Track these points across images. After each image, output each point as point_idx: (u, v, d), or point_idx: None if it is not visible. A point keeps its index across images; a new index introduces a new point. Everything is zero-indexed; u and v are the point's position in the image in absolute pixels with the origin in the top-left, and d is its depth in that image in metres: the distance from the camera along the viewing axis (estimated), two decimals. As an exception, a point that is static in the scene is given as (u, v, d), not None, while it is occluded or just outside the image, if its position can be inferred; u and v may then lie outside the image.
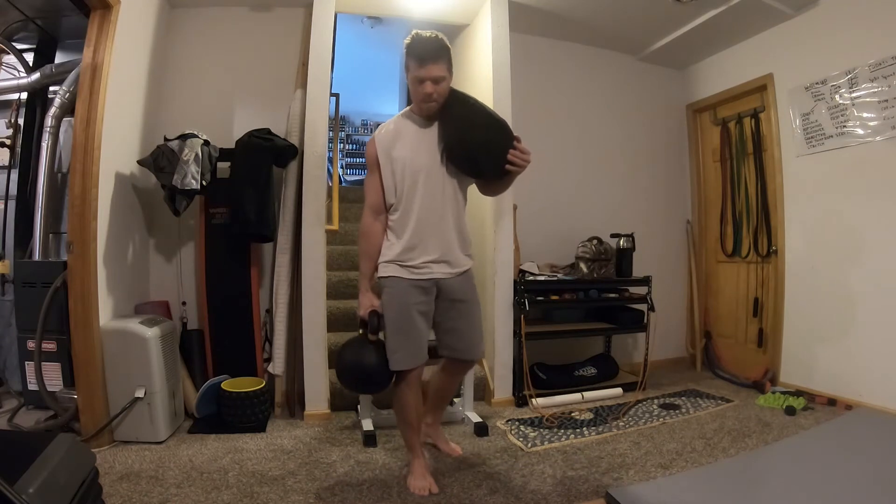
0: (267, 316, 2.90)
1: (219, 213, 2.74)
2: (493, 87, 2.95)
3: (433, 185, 1.82)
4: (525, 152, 1.77)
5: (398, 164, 1.82)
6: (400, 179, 1.82)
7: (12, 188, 3.08)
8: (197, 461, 2.08)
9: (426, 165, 1.82)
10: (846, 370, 2.83)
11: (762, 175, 3.41)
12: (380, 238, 1.87)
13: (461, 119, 1.80)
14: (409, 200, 1.82)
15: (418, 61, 1.72)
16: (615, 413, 2.75)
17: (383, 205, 1.86)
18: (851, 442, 2.29)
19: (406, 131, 1.86)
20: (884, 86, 2.63)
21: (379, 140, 1.86)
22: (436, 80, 1.73)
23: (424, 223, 1.81)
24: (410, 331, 1.80)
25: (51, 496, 1.11)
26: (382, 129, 1.89)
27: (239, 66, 3.06)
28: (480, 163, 1.82)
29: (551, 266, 3.36)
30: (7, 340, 2.84)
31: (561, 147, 3.63)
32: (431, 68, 1.71)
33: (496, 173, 1.84)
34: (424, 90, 1.74)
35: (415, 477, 1.87)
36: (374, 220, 1.88)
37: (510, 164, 1.76)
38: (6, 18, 2.94)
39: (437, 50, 1.73)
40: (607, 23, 3.37)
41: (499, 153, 1.76)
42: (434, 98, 1.75)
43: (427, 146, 1.83)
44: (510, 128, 1.82)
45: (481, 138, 1.78)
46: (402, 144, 1.84)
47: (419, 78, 1.73)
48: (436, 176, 1.82)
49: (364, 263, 1.90)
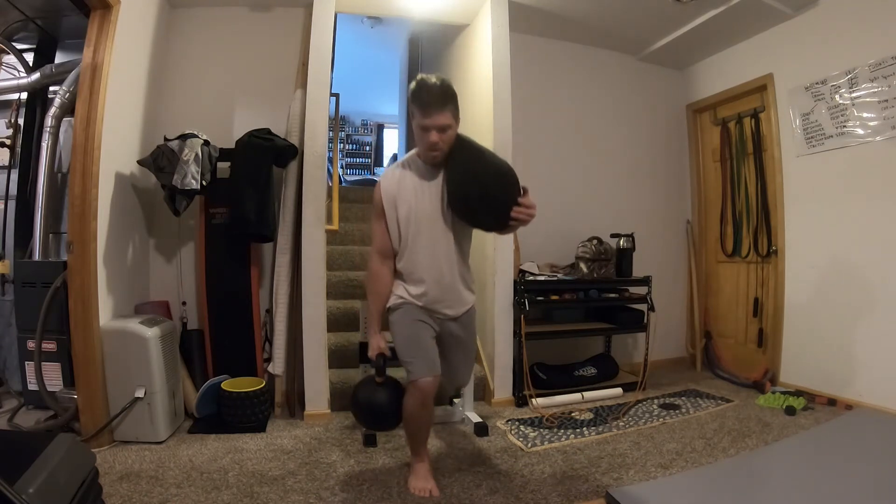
0: (267, 316, 2.90)
1: (219, 213, 2.74)
2: (493, 87, 2.95)
3: (437, 233, 1.81)
4: (530, 207, 1.72)
5: (402, 213, 1.81)
6: (404, 228, 1.82)
7: (12, 188, 3.07)
8: (197, 461, 2.08)
9: (430, 214, 1.81)
10: (846, 370, 2.83)
11: (762, 175, 3.41)
12: (388, 281, 1.89)
13: (465, 171, 1.74)
14: (414, 248, 1.82)
15: (423, 109, 1.68)
16: (615, 413, 2.75)
17: (391, 249, 1.87)
18: (851, 442, 2.29)
19: (411, 179, 1.83)
20: (884, 86, 2.63)
21: (384, 187, 1.85)
22: (441, 129, 1.69)
23: (429, 270, 1.82)
24: (420, 341, 1.81)
25: (51, 496, 1.11)
26: (388, 176, 1.88)
27: (239, 66, 3.06)
28: (481, 218, 1.81)
29: (551, 266, 3.36)
30: (7, 340, 2.83)
31: (561, 147, 3.63)
32: (437, 117, 1.67)
33: (497, 228, 1.84)
34: (430, 139, 1.70)
35: (416, 478, 1.87)
36: (381, 264, 1.89)
37: (514, 220, 1.72)
38: (6, 18, 2.95)
39: (443, 98, 1.68)
40: (607, 23, 3.37)
41: (501, 208, 1.72)
42: (439, 147, 1.72)
43: (430, 195, 1.81)
44: (516, 178, 1.76)
45: (484, 194, 1.72)
46: (407, 192, 1.82)
47: (424, 126, 1.69)
48: (439, 224, 1.81)
49: (373, 305, 1.91)
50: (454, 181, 1.76)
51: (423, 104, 1.68)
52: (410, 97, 1.72)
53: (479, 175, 1.72)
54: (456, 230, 1.84)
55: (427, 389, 1.75)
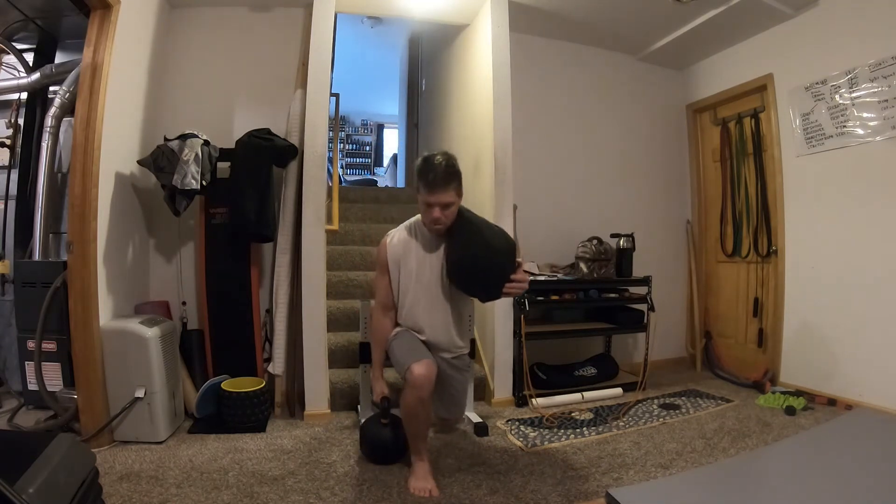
0: (267, 316, 2.90)
1: (219, 213, 2.74)
2: (493, 87, 2.95)
3: (435, 300, 1.97)
4: (522, 281, 1.88)
5: (404, 277, 1.98)
6: (404, 290, 1.99)
7: (12, 188, 3.07)
8: (197, 461, 2.08)
9: (430, 282, 1.96)
10: (846, 370, 2.83)
11: (762, 175, 3.41)
12: (389, 332, 2.04)
13: (463, 248, 1.89)
14: (414, 309, 1.98)
15: (428, 187, 1.80)
16: (615, 413, 2.75)
17: (392, 303, 2.03)
18: (851, 442, 2.29)
19: (415, 246, 1.98)
20: (884, 86, 2.63)
21: (389, 249, 2.00)
22: (444, 206, 1.82)
23: (427, 328, 1.98)
24: (415, 347, 1.93)
25: (51, 496, 1.11)
26: (394, 238, 2.02)
27: (239, 66, 3.06)
28: (476, 292, 1.99)
29: (551, 266, 3.36)
30: (7, 340, 2.83)
31: (561, 147, 3.63)
32: (440, 195, 1.80)
33: (490, 299, 2.05)
34: (433, 215, 1.83)
35: (416, 478, 1.87)
36: (383, 315, 2.04)
37: (506, 293, 1.89)
38: (6, 18, 2.95)
39: (447, 177, 1.80)
40: (607, 23, 3.37)
41: (495, 284, 1.88)
42: (442, 222, 1.85)
43: (431, 264, 1.96)
44: (513, 255, 1.90)
45: (480, 271, 1.87)
46: (409, 258, 1.97)
47: (428, 203, 1.82)
48: (438, 291, 1.97)
49: (375, 353, 2.08)
50: (452, 256, 1.92)
51: (427, 183, 1.80)
52: (416, 173, 1.85)
53: (476, 253, 1.86)
54: (453, 297, 1.99)
55: (421, 379, 1.79)
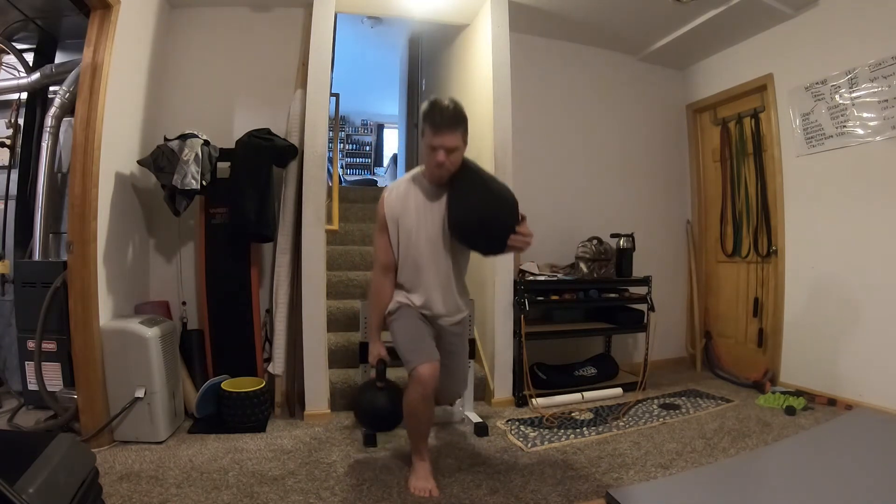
0: (267, 316, 2.90)
1: (219, 213, 2.74)
2: (493, 87, 2.95)
3: (437, 253, 1.88)
4: (527, 235, 1.79)
5: (404, 232, 1.88)
6: (405, 246, 1.89)
7: (12, 188, 3.08)
8: (197, 461, 2.08)
9: (431, 235, 1.87)
10: (846, 370, 2.83)
11: (762, 175, 3.41)
12: (389, 292, 1.96)
13: (466, 197, 1.81)
14: (415, 265, 1.89)
15: (434, 128, 1.74)
16: (615, 413, 2.75)
17: (392, 263, 1.94)
18: (851, 442, 2.29)
19: (414, 198, 1.89)
20: (884, 86, 2.63)
21: (388, 204, 1.92)
22: (449, 150, 1.75)
23: (428, 286, 1.90)
24: (419, 335, 1.87)
25: (51, 496, 1.11)
26: (392, 192, 1.94)
27: (239, 66, 3.06)
28: (479, 244, 1.89)
29: (551, 266, 3.36)
30: (7, 340, 2.83)
31: (561, 147, 3.63)
32: (446, 137, 1.73)
33: (494, 253, 1.95)
34: (437, 158, 1.75)
35: (417, 478, 1.87)
36: (383, 276, 1.96)
37: (511, 247, 1.80)
38: (6, 18, 2.95)
39: (454, 119, 1.74)
40: (607, 23, 3.37)
41: (497, 236, 1.79)
42: (446, 167, 1.77)
43: (432, 217, 1.87)
44: (516, 207, 1.83)
45: (483, 221, 1.80)
46: (409, 212, 1.88)
47: (433, 146, 1.75)
48: (439, 246, 1.88)
49: (373, 316, 1.99)
50: (455, 206, 1.83)
51: (434, 124, 1.74)
52: (423, 116, 1.78)
53: (479, 202, 1.79)
54: (455, 251, 1.91)
55: (427, 378, 1.77)
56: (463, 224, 1.82)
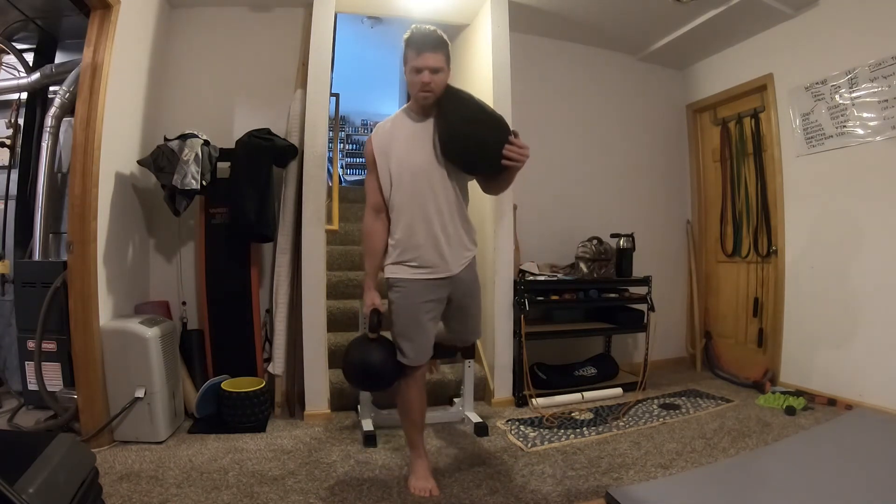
0: (267, 316, 2.90)
1: (219, 213, 2.74)
2: (493, 87, 2.95)
3: (430, 182, 1.79)
4: (522, 146, 1.73)
5: (394, 163, 1.81)
6: (397, 177, 1.81)
7: (12, 188, 3.08)
8: (197, 461, 2.08)
9: (422, 162, 1.79)
10: (846, 370, 2.83)
11: (762, 175, 3.41)
12: (383, 236, 1.88)
13: (455, 114, 1.76)
14: (407, 198, 1.80)
15: (417, 50, 1.72)
16: (615, 413, 2.75)
17: (384, 203, 1.86)
18: (851, 442, 2.29)
19: (402, 128, 1.84)
20: (884, 86, 2.63)
21: (375, 139, 1.86)
22: (433, 70, 1.72)
23: (424, 221, 1.79)
24: (417, 331, 1.81)
25: (51, 496, 1.11)
26: (379, 128, 1.89)
27: (239, 66, 3.06)
28: (474, 158, 1.79)
29: (551, 266, 3.36)
30: (7, 340, 2.83)
31: (561, 147, 3.62)
32: (429, 57, 1.71)
33: (491, 169, 1.80)
34: (422, 79, 1.72)
35: (416, 477, 1.87)
36: (375, 218, 1.89)
37: (506, 158, 1.72)
38: (6, 18, 2.95)
39: (436, 41, 1.73)
40: (607, 23, 3.37)
41: (493, 148, 1.72)
42: (431, 88, 1.73)
43: (422, 143, 1.80)
44: (506, 122, 1.79)
45: (474, 133, 1.74)
46: (398, 142, 1.82)
47: (417, 67, 1.72)
48: (432, 173, 1.80)
49: (368, 262, 1.92)
50: (445, 125, 1.78)
51: (417, 46, 1.72)
52: (405, 42, 1.76)
53: (470, 118, 1.75)
54: (451, 178, 1.82)
55: (420, 376, 1.81)
56: (455, 139, 1.76)
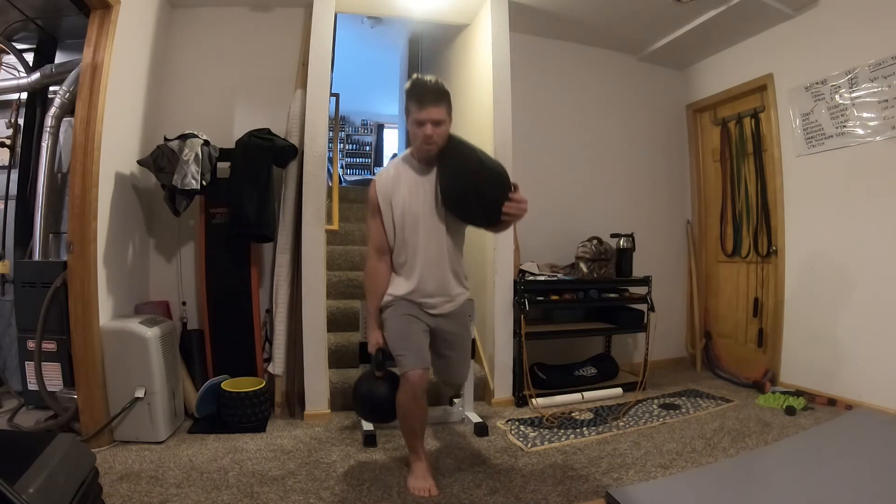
0: (267, 316, 2.90)
1: (219, 213, 2.74)
2: (493, 87, 2.95)
3: (430, 231, 1.87)
4: (521, 202, 1.78)
5: (397, 211, 1.88)
6: (399, 226, 1.88)
7: (12, 188, 3.07)
8: (197, 461, 2.08)
9: (423, 212, 1.86)
10: (846, 370, 2.83)
11: (762, 175, 3.41)
12: (385, 278, 1.95)
13: (456, 168, 1.81)
14: (409, 245, 1.88)
15: (419, 103, 1.75)
16: (615, 413, 2.75)
17: (387, 246, 1.93)
18: (851, 442, 2.29)
19: (405, 177, 1.89)
20: (884, 86, 2.63)
21: (379, 186, 1.92)
22: (436, 123, 1.75)
23: (423, 266, 1.88)
24: (410, 334, 1.86)
25: (51, 496, 1.11)
26: (382, 174, 1.95)
27: (239, 66, 3.06)
28: (474, 213, 1.86)
29: (551, 266, 3.36)
30: (7, 340, 2.83)
31: (561, 147, 3.63)
32: (431, 111, 1.74)
33: (490, 223, 1.88)
34: (424, 132, 1.76)
35: (415, 478, 1.87)
36: (378, 260, 1.95)
37: (506, 214, 1.78)
38: (6, 18, 2.94)
39: (438, 93, 1.76)
40: (607, 23, 3.37)
41: (493, 204, 1.78)
42: (434, 140, 1.77)
43: (424, 193, 1.87)
44: (507, 176, 1.84)
45: (475, 189, 1.79)
46: (401, 191, 1.88)
47: (419, 120, 1.76)
48: (433, 221, 1.87)
49: (371, 302, 1.98)
50: (446, 177, 1.82)
51: (418, 99, 1.76)
52: (407, 93, 1.80)
53: (471, 171, 1.79)
54: (449, 227, 1.89)
55: (417, 382, 1.79)
56: (456, 192, 1.81)
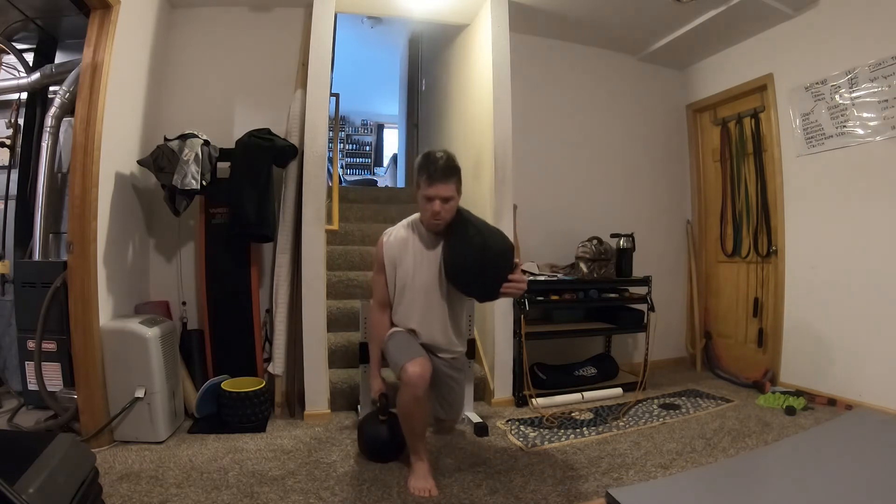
0: (267, 316, 2.90)
1: (219, 213, 2.74)
2: (493, 87, 2.95)
3: (432, 299, 1.97)
4: (520, 282, 1.88)
5: (402, 276, 1.97)
6: (401, 288, 1.98)
7: (12, 188, 3.07)
8: (197, 461, 2.08)
9: (427, 281, 1.96)
10: (846, 370, 2.83)
11: (762, 175, 3.41)
12: (387, 329, 2.04)
13: (461, 247, 1.88)
14: (410, 309, 1.98)
15: (429, 180, 1.82)
16: (615, 413, 2.75)
17: (389, 301, 2.04)
18: (851, 442, 2.29)
19: (412, 244, 1.98)
20: (884, 86, 2.63)
21: (387, 248, 2.01)
22: (444, 200, 1.83)
23: (423, 329, 1.98)
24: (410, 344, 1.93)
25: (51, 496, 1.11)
26: (391, 236, 2.03)
27: (239, 66, 3.06)
28: (475, 289, 1.96)
29: (551, 266, 3.36)
30: (7, 340, 2.83)
31: (561, 147, 3.63)
32: (440, 188, 1.81)
33: (489, 298, 2.00)
34: (433, 208, 1.84)
35: (416, 478, 1.87)
36: (381, 314, 2.06)
37: (504, 293, 1.88)
38: (6, 18, 2.94)
39: (448, 171, 1.82)
40: (607, 23, 3.37)
41: (493, 283, 1.87)
42: (442, 217, 1.85)
43: (429, 263, 1.96)
44: (511, 256, 1.91)
45: (478, 269, 1.86)
46: (407, 258, 1.97)
47: (428, 196, 1.83)
48: (434, 291, 1.97)
49: (373, 351, 2.11)
50: (451, 255, 1.91)
51: (428, 175, 1.82)
52: (417, 168, 1.87)
53: (475, 252, 1.86)
54: (450, 297, 1.99)
55: (416, 378, 1.79)
56: (459, 273, 1.90)
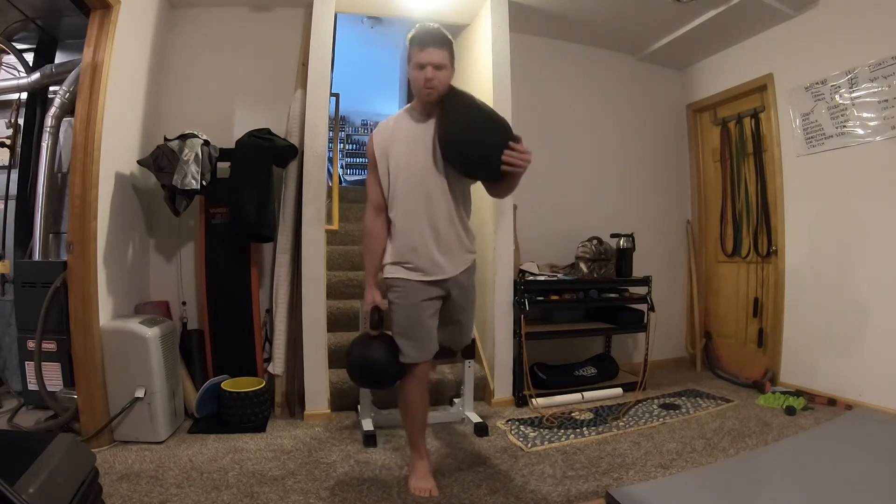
0: (267, 316, 2.90)
1: (219, 213, 2.74)
2: (493, 87, 2.95)
3: (426, 186, 1.78)
4: (523, 152, 1.68)
5: (394, 163, 1.80)
6: (394, 178, 1.80)
7: (12, 188, 3.08)
8: (197, 461, 2.08)
9: (422, 164, 1.78)
10: (846, 370, 2.83)
11: (762, 175, 3.41)
12: (383, 235, 1.88)
13: (455, 117, 1.74)
14: (406, 199, 1.79)
15: (420, 46, 1.73)
16: (615, 413, 2.75)
17: (384, 202, 1.85)
18: (851, 442, 2.29)
19: (403, 128, 1.84)
20: (884, 86, 2.63)
21: (376, 137, 1.86)
22: (437, 66, 1.72)
23: (422, 222, 1.78)
24: (418, 330, 1.80)
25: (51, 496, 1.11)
26: (381, 126, 1.89)
27: (239, 66, 3.06)
28: (473, 163, 1.76)
29: (551, 266, 3.36)
30: (7, 340, 2.83)
31: (561, 147, 3.62)
32: (432, 53, 1.71)
33: (491, 175, 1.77)
34: (425, 75, 1.72)
35: (416, 478, 1.86)
36: (376, 217, 1.88)
37: (506, 164, 1.67)
38: (6, 18, 2.95)
39: (440, 38, 1.74)
40: (607, 23, 3.37)
41: (493, 153, 1.67)
42: (434, 84, 1.73)
43: (422, 145, 1.79)
44: (508, 127, 1.75)
45: (475, 138, 1.70)
46: (399, 142, 1.81)
47: (420, 63, 1.72)
48: (429, 177, 1.78)
49: (368, 261, 1.92)
50: (445, 128, 1.75)
51: (420, 41, 1.73)
52: (409, 40, 1.77)
53: (470, 121, 1.73)
54: (451, 181, 1.79)
55: (423, 375, 1.78)
56: (454, 142, 1.73)
